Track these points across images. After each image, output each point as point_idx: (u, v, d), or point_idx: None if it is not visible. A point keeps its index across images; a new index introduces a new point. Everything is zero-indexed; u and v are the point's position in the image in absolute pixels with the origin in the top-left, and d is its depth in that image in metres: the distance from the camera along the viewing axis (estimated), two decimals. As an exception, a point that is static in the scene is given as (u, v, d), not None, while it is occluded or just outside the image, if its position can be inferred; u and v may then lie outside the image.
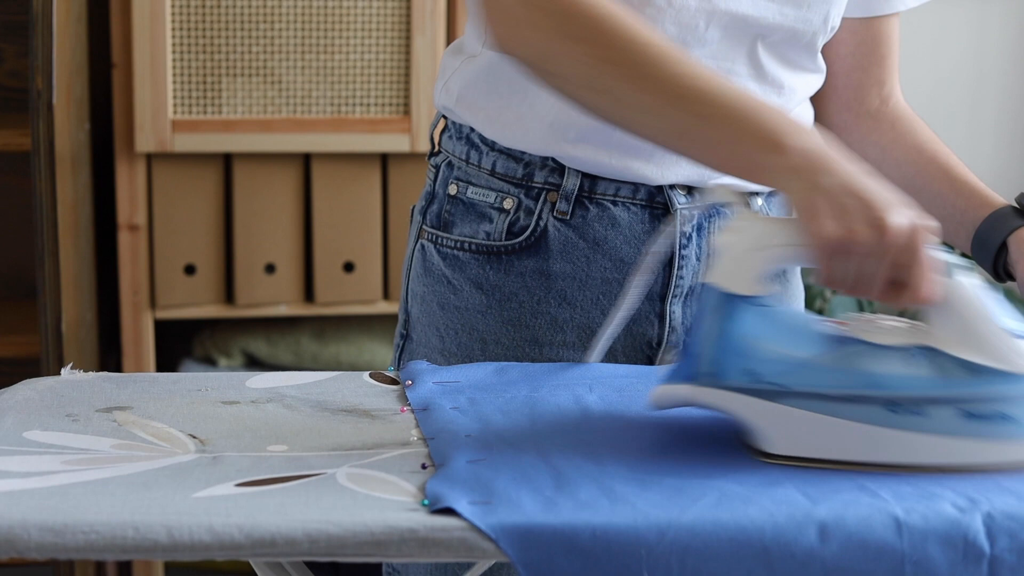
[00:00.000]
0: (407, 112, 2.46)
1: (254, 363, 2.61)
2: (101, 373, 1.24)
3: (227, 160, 2.48)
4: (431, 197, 1.41)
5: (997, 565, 0.95)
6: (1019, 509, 0.97)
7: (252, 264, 2.50)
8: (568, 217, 1.34)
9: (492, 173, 1.37)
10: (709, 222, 1.37)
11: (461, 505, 0.93)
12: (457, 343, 1.38)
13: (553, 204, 1.35)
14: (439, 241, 1.39)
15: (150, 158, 2.44)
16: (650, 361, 1.38)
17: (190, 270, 2.49)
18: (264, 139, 2.43)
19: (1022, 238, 1.35)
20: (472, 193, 1.38)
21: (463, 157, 1.39)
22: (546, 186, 1.35)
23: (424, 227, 1.41)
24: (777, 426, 1.06)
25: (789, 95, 1.38)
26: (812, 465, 1.05)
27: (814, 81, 1.42)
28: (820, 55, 1.41)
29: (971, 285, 1.07)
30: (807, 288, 2.76)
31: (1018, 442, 1.06)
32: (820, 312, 3.01)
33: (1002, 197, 1.41)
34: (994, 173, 3.23)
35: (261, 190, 2.48)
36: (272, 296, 2.52)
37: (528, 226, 1.35)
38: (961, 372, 1.05)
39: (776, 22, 1.33)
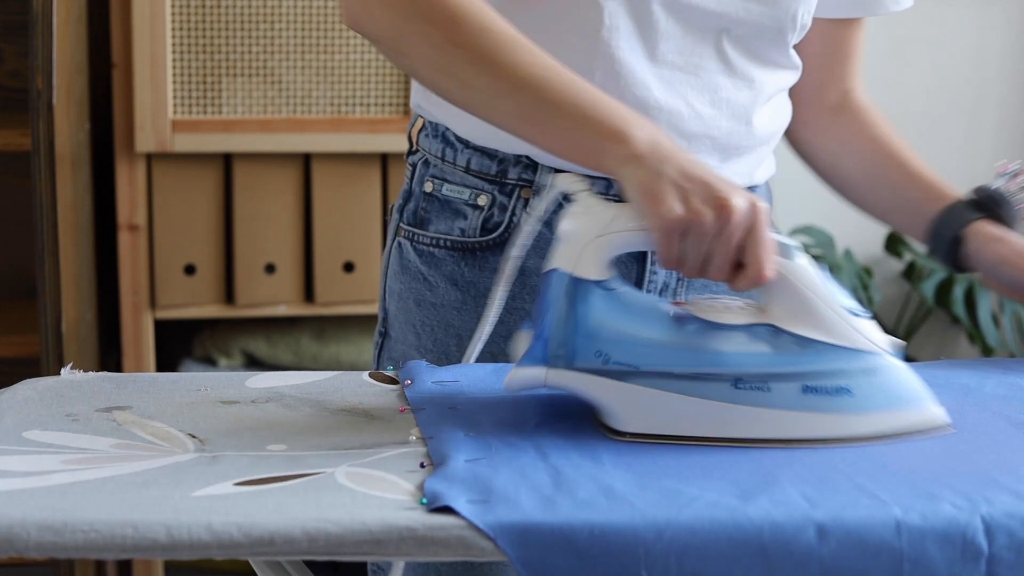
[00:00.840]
0: (407, 112, 2.46)
1: (254, 363, 2.61)
2: (101, 373, 1.24)
3: (227, 160, 2.48)
4: (408, 195, 1.42)
5: (995, 563, 0.95)
6: (1017, 508, 0.97)
7: (252, 264, 2.50)
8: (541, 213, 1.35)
9: (467, 170, 1.37)
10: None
11: (459, 504, 0.93)
12: (433, 340, 1.39)
13: (527, 200, 1.35)
14: (415, 238, 1.40)
15: (150, 158, 2.44)
16: None
17: (190, 270, 2.50)
18: (264, 139, 2.43)
19: (978, 230, 1.38)
20: (447, 190, 1.38)
21: (438, 155, 1.39)
22: (519, 182, 1.35)
23: (401, 225, 1.42)
24: (627, 405, 1.09)
25: (759, 89, 1.38)
26: (661, 442, 1.08)
27: (787, 76, 1.43)
28: (793, 51, 1.41)
29: (807, 266, 1.11)
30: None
31: (856, 415, 1.10)
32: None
33: (959, 190, 1.44)
34: (994, 173, 3.23)
35: (261, 190, 2.48)
36: (272, 296, 2.52)
37: (502, 222, 1.36)
38: (801, 348, 1.10)
39: (740, 16, 1.33)
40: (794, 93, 1.48)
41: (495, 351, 1.35)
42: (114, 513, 0.91)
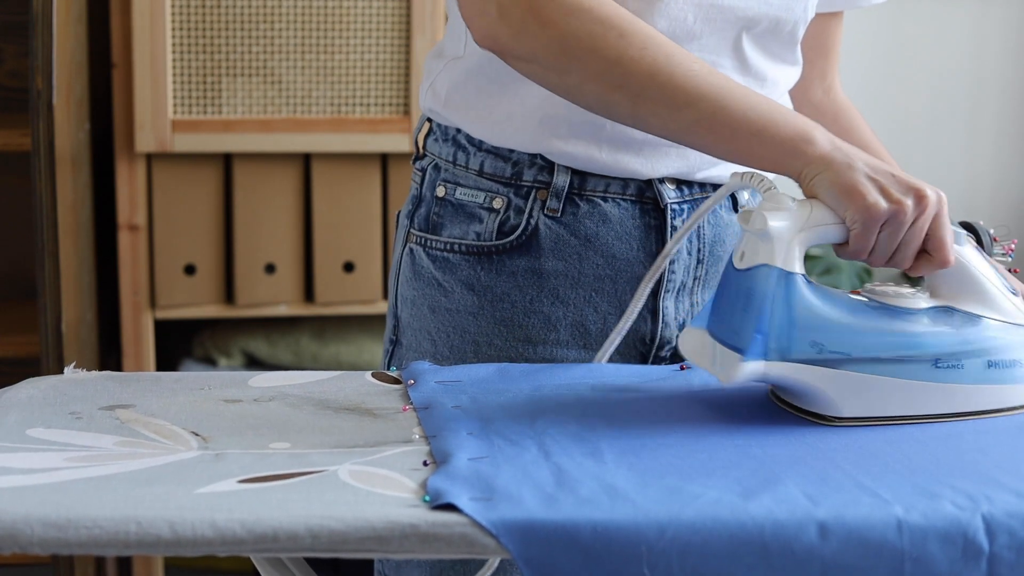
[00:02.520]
0: (407, 112, 2.47)
1: (254, 363, 2.61)
2: (104, 372, 1.25)
3: (227, 160, 2.48)
4: (418, 201, 1.41)
5: (996, 562, 0.95)
6: (1019, 507, 0.97)
7: (252, 264, 2.50)
8: (559, 215, 1.35)
9: (480, 173, 1.37)
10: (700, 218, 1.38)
11: (462, 501, 0.93)
12: (449, 346, 1.38)
13: (543, 202, 1.35)
14: (428, 244, 1.39)
15: (150, 158, 2.44)
16: (644, 357, 1.39)
17: (190, 270, 2.50)
18: (264, 139, 2.43)
19: None
20: (461, 194, 1.38)
21: (450, 159, 1.39)
22: (535, 184, 1.35)
23: (412, 231, 1.41)
24: (842, 391, 1.15)
25: (771, 88, 1.39)
26: (871, 424, 1.15)
27: (793, 74, 1.44)
28: (799, 48, 1.42)
29: (974, 250, 1.21)
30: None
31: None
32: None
33: (1002, 199, 1.47)
34: (994, 173, 3.23)
35: (261, 190, 2.48)
36: (272, 296, 2.52)
37: (519, 225, 1.35)
38: (979, 327, 1.18)
39: (761, 12, 1.34)
40: None
41: (513, 356, 1.35)
42: (118, 510, 0.91)
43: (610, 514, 0.93)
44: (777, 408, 1.19)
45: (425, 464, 1.02)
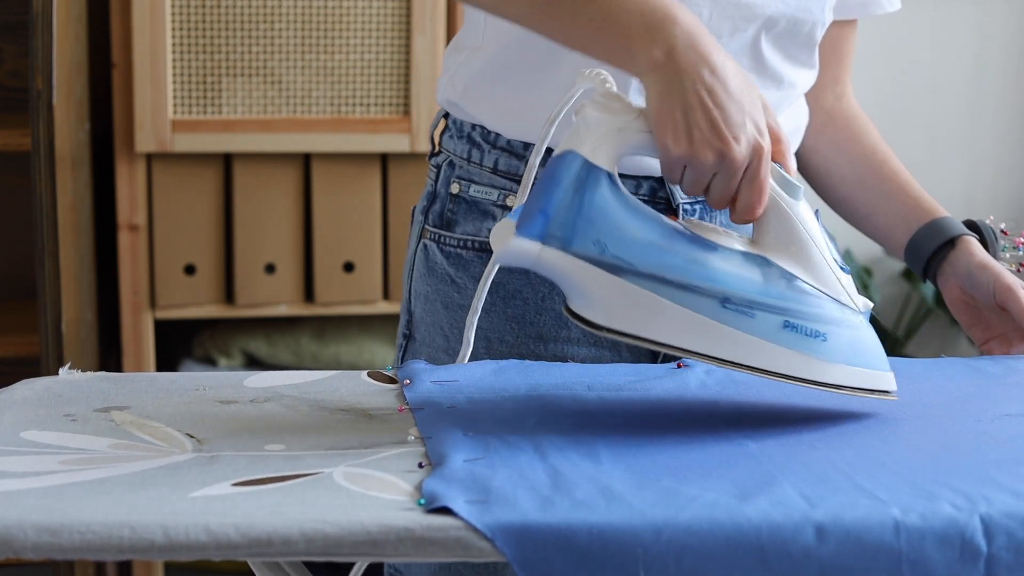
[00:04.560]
0: (407, 112, 2.47)
1: (254, 363, 2.61)
2: (99, 373, 1.24)
3: (227, 160, 2.48)
4: (433, 197, 1.42)
5: (994, 563, 0.95)
6: (1017, 508, 0.97)
7: (252, 264, 2.50)
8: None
9: (494, 171, 1.37)
10: (710, 217, 1.38)
11: (457, 504, 0.93)
12: (461, 342, 1.37)
13: None
14: (442, 240, 1.39)
15: (150, 158, 2.44)
16: (654, 355, 1.38)
17: (190, 270, 2.50)
18: (264, 139, 2.43)
19: (971, 242, 1.43)
20: (475, 191, 1.38)
21: (464, 156, 1.39)
22: None
23: (426, 227, 1.41)
24: (613, 299, 1.09)
25: (788, 89, 1.39)
26: (635, 342, 1.09)
27: (810, 77, 1.44)
28: (817, 51, 1.42)
29: (808, 210, 1.13)
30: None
31: (827, 362, 1.12)
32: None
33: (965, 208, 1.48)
34: (994, 173, 3.23)
35: (261, 190, 2.48)
36: (272, 296, 2.52)
37: None
38: (789, 285, 1.11)
39: (779, 11, 1.33)
40: None
41: (524, 352, 1.35)
42: (111, 514, 0.91)
43: (606, 516, 0.93)
44: (776, 409, 1.18)
45: (421, 466, 1.02)
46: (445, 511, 0.92)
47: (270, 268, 2.51)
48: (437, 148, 1.44)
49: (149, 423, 1.11)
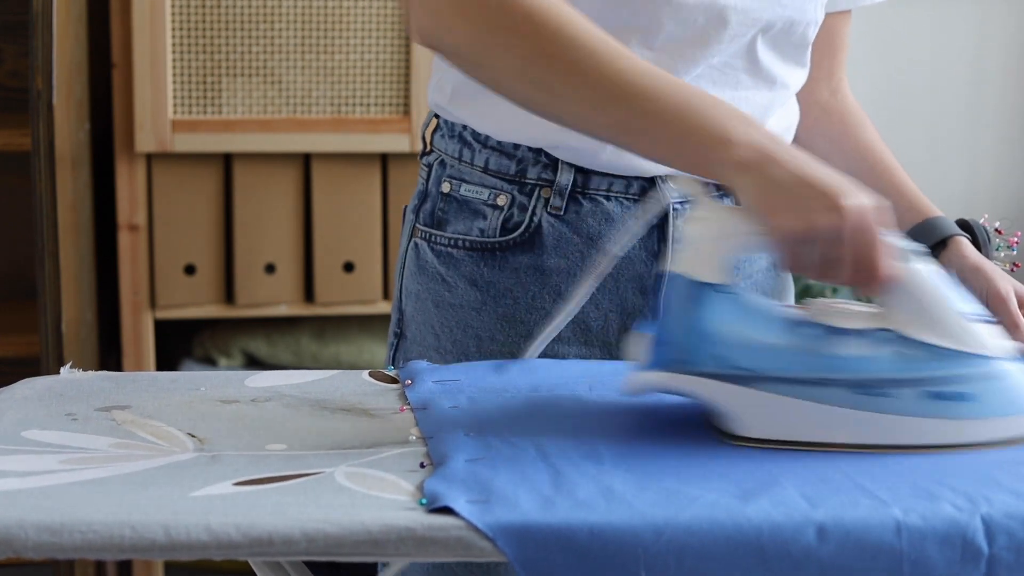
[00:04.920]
0: (407, 112, 2.46)
1: (254, 363, 2.61)
2: (100, 372, 1.24)
3: (227, 160, 2.48)
4: (424, 196, 1.42)
5: (995, 564, 0.95)
6: (1018, 508, 0.97)
7: (252, 264, 2.50)
8: (562, 213, 1.35)
9: (485, 170, 1.37)
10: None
11: (459, 504, 0.93)
12: (452, 340, 1.38)
13: (547, 200, 1.35)
14: (433, 239, 1.39)
15: (150, 158, 2.44)
16: None
17: (190, 270, 2.50)
18: (264, 139, 2.43)
19: (963, 242, 1.40)
20: (465, 191, 1.38)
21: (456, 155, 1.39)
22: (539, 182, 1.35)
23: (417, 226, 1.41)
24: (747, 409, 1.09)
25: (781, 90, 1.39)
26: (780, 447, 1.08)
27: (801, 76, 1.44)
28: (809, 50, 1.42)
29: (927, 270, 1.11)
30: (808, 287, 2.77)
31: (978, 421, 1.09)
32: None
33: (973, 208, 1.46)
34: (994, 172, 3.23)
35: (261, 190, 2.48)
36: (272, 296, 2.52)
37: (522, 222, 1.35)
38: (922, 354, 1.09)
39: (776, 14, 1.33)
40: None
41: (515, 352, 1.35)
42: (112, 513, 0.91)
43: (607, 517, 0.93)
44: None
45: (422, 466, 1.02)
46: (446, 511, 0.92)
47: (270, 268, 2.51)
48: (428, 147, 1.44)
49: (150, 422, 1.11)
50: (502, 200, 1.36)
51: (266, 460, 1.03)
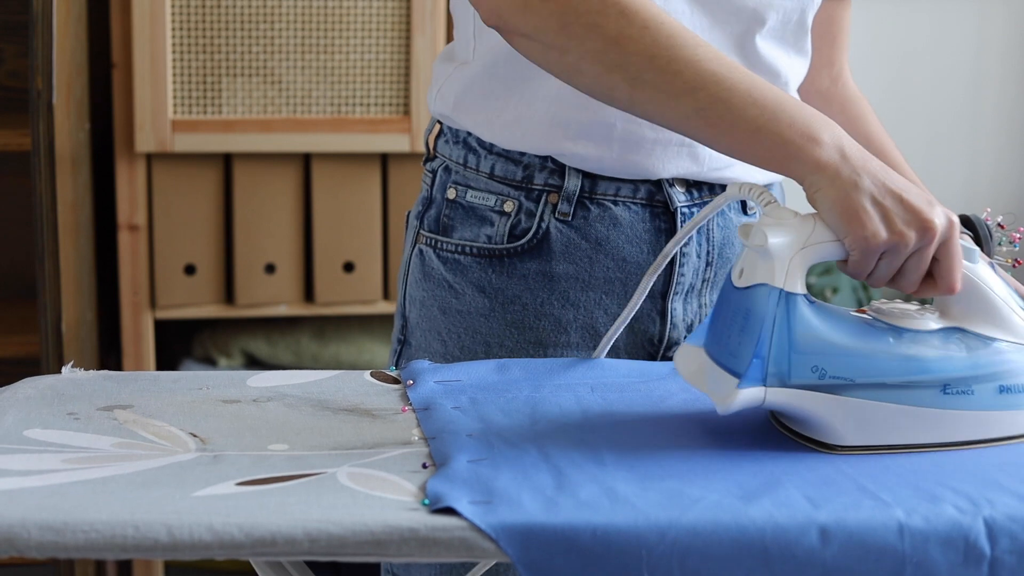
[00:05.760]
0: (407, 112, 2.46)
1: (254, 363, 2.61)
2: (102, 372, 1.24)
3: (227, 160, 2.48)
4: (428, 202, 1.41)
5: (997, 567, 0.95)
6: (1021, 511, 0.97)
7: (252, 264, 2.50)
8: (570, 218, 1.35)
9: (491, 176, 1.37)
10: (709, 220, 1.38)
11: (461, 505, 0.93)
12: (460, 347, 1.38)
13: (554, 206, 1.35)
14: (439, 246, 1.39)
15: (150, 158, 2.44)
16: (652, 358, 1.38)
17: (190, 270, 2.49)
18: (264, 139, 2.43)
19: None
20: (472, 197, 1.37)
21: (461, 161, 1.39)
22: (546, 188, 1.35)
23: (422, 232, 1.41)
24: (846, 419, 1.09)
25: (784, 83, 1.39)
26: (877, 452, 1.09)
27: (803, 65, 1.43)
28: (809, 36, 1.41)
29: (988, 269, 1.15)
30: (808, 287, 2.77)
31: None
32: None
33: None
34: (994, 172, 3.23)
35: (261, 190, 2.48)
36: (272, 296, 2.52)
37: (530, 228, 1.35)
38: (991, 349, 1.12)
39: (774, 4, 1.33)
40: None
41: (524, 357, 1.35)
42: (115, 513, 0.91)
43: (610, 518, 0.93)
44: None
45: (424, 466, 1.02)
46: (449, 511, 0.92)
47: (270, 268, 2.51)
48: (432, 153, 1.44)
49: (152, 422, 1.11)
50: (509, 206, 1.36)
51: (268, 460, 1.03)
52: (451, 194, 1.39)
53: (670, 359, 1.39)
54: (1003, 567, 0.95)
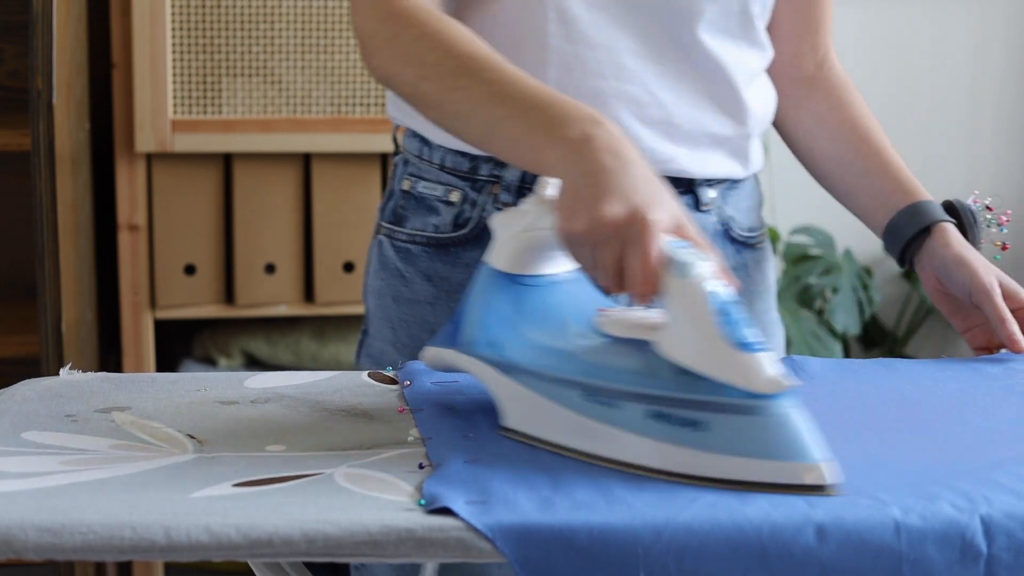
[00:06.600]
0: (407, 112, 2.46)
1: (254, 363, 2.61)
2: (100, 373, 1.24)
3: (227, 160, 2.48)
4: (390, 194, 1.46)
5: (994, 564, 0.95)
6: (1017, 508, 0.97)
7: (252, 264, 2.50)
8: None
9: (442, 167, 1.40)
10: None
11: (458, 505, 0.93)
12: (409, 335, 1.41)
13: (495, 196, 1.37)
14: (394, 235, 1.43)
15: (150, 158, 2.44)
16: None
17: (190, 270, 2.50)
18: (264, 139, 2.43)
19: (947, 230, 1.39)
20: (422, 187, 1.41)
21: (416, 153, 1.43)
22: (490, 178, 1.38)
23: (381, 223, 1.46)
24: (508, 400, 1.09)
25: (730, 77, 1.39)
26: (532, 444, 1.06)
27: (758, 59, 1.43)
28: (763, 31, 1.42)
29: (701, 288, 1.00)
30: (808, 287, 2.76)
31: (706, 453, 0.99)
32: (820, 313, 3.01)
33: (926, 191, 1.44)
34: (994, 172, 3.23)
35: (261, 190, 2.48)
36: (272, 296, 2.52)
37: (471, 218, 1.38)
38: (664, 372, 1.01)
39: None
40: (770, 66, 1.48)
41: None
42: (112, 515, 0.91)
43: (606, 517, 0.93)
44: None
45: (421, 467, 1.02)
46: (446, 512, 0.92)
47: (270, 268, 2.51)
48: (398, 147, 1.48)
49: (150, 424, 1.11)
50: (455, 196, 1.39)
51: (265, 461, 1.03)
52: (406, 185, 1.43)
53: None
54: (1000, 565, 0.95)
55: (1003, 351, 1.37)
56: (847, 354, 3.07)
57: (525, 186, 1.37)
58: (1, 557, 0.89)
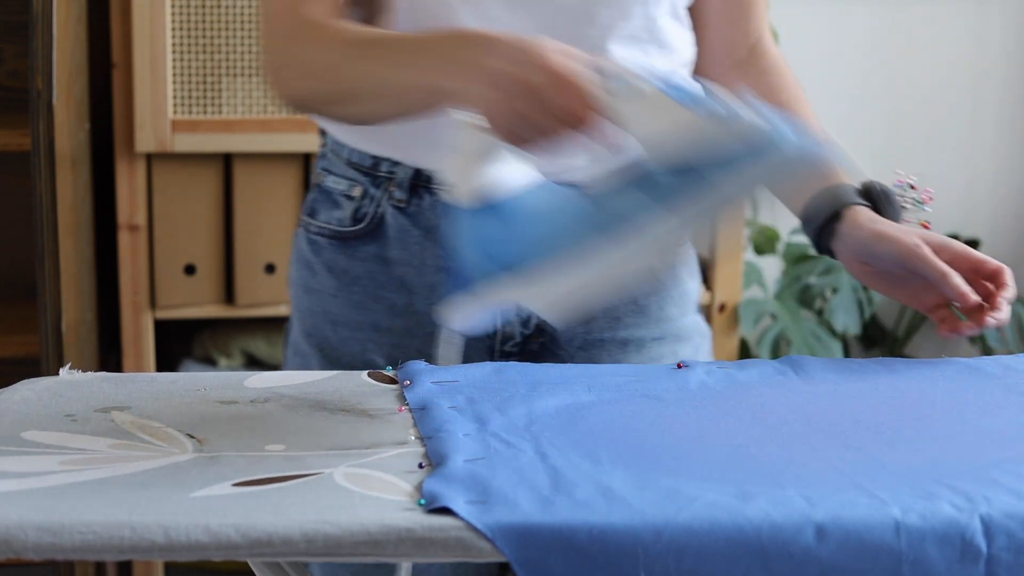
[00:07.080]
0: (407, 112, 2.46)
1: (254, 363, 2.61)
2: (99, 373, 1.25)
3: (227, 160, 2.48)
4: (309, 188, 1.50)
5: (994, 564, 0.95)
6: (1017, 508, 0.97)
7: (252, 264, 2.50)
8: (405, 205, 1.40)
9: (348, 163, 1.43)
10: None
11: (457, 504, 0.93)
12: (313, 324, 1.44)
13: (390, 192, 1.40)
14: (308, 228, 1.46)
15: (150, 158, 2.44)
16: (491, 352, 1.42)
17: (190, 270, 2.50)
18: (264, 139, 2.43)
19: (858, 212, 1.35)
20: (330, 182, 1.44)
21: (330, 148, 1.46)
22: (388, 175, 1.40)
23: (301, 216, 1.48)
24: (543, 295, 1.12)
25: (676, 56, 1.41)
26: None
27: (690, 38, 1.45)
28: (676, 30, 1.43)
29: (641, 84, 1.08)
30: (808, 287, 2.76)
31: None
32: (820, 313, 3.01)
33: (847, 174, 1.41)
34: (994, 172, 3.23)
35: (261, 190, 2.48)
36: (272, 296, 2.52)
37: (368, 213, 1.40)
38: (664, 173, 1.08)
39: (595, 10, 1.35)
40: (702, 52, 1.48)
41: (362, 338, 1.42)
42: (112, 514, 0.91)
43: (606, 517, 0.93)
44: (776, 409, 1.18)
45: (421, 466, 1.02)
46: (445, 511, 0.93)
47: (270, 268, 2.51)
48: (323, 142, 1.51)
49: (150, 423, 1.11)
50: (356, 191, 1.42)
51: (265, 461, 1.03)
52: (319, 179, 1.47)
53: (508, 354, 1.42)
54: (999, 564, 0.95)
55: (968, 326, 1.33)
56: (847, 354, 3.06)
57: (420, 183, 1.39)
58: (1, 557, 0.89)
